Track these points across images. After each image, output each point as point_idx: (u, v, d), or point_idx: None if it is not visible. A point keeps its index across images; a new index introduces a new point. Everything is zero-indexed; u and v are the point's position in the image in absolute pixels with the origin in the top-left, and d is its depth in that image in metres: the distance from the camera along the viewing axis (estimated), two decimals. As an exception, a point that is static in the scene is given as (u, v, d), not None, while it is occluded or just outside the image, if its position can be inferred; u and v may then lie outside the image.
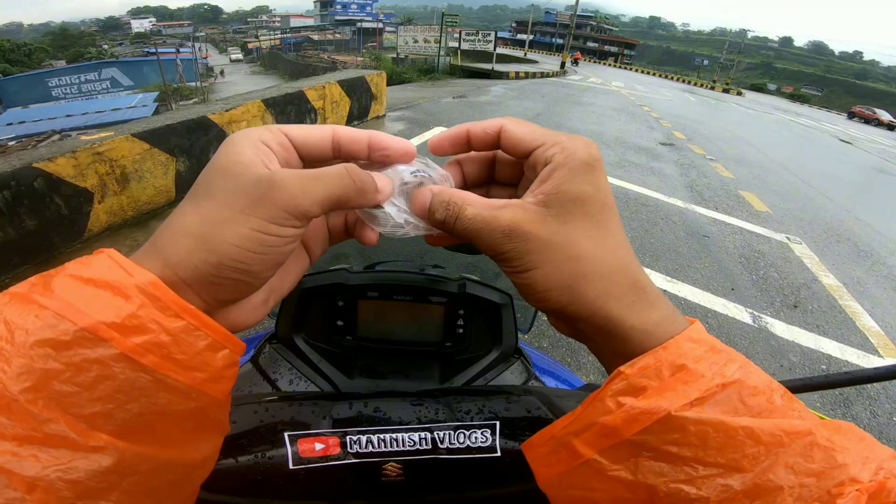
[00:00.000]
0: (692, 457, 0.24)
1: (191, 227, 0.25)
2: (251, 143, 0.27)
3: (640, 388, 0.25)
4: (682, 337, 0.26)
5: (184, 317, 0.24)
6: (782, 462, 0.23)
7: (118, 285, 0.23)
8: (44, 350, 0.21)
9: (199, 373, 0.24)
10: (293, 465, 0.38)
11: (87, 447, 0.21)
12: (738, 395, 0.24)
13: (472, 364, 0.64)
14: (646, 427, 0.24)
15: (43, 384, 0.21)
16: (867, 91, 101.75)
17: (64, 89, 29.64)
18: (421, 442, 0.41)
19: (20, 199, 2.73)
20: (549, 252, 0.27)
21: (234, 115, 4.35)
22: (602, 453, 0.26)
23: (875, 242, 5.22)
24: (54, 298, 0.22)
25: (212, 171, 0.26)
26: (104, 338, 0.21)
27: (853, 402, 2.57)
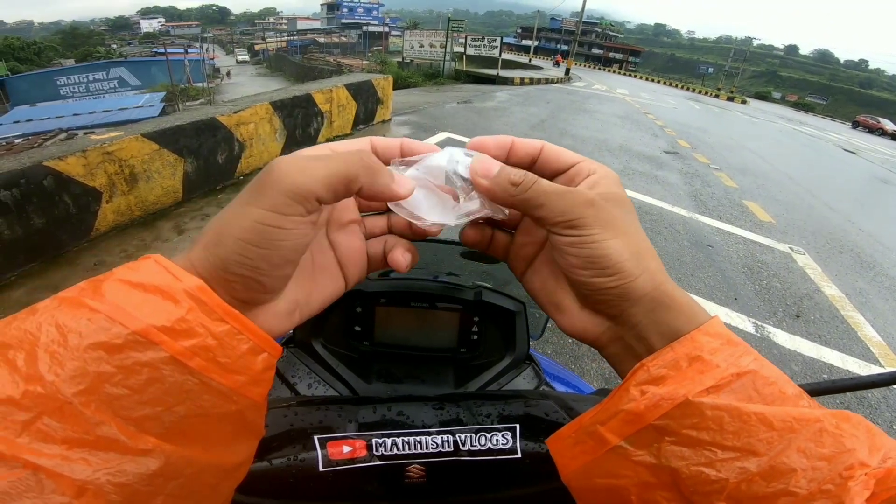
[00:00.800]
0: (710, 441, 0.25)
1: (213, 225, 0.26)
2: (296, 159, 0.27)
3: (660, 378, 0.27)
4: (699, 331, 0.28)
5: (228, 321, 0.25)
6: (794, 447, 0.24)
7: (167, 289, 0.24)
8: (97, 353, 0.21)
9: (241, 376, 0.25)
10: (323, 468, 0.40)
11: (136, 450, 0.22)
12: (752, 384, 0.26)
13: (486, 370, 0.65)
14: (666, 412, 0.26)
15: (96, 387, 0.21)
16: (872, 100, 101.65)
17: (72, 88, 29.83)
18: (443, 444, 0.42)
19: (29, 197, 2.76)
20: (620, 226, 0.30)
21: (243, 116, 4.39)
22: (627, 439, 0.27)
23: (878, 253, 5.21)
24: (105, 302, 0.22)
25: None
26: (155, 341, 0.22)
27: (853, 410, 2.51)
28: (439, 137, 6.67)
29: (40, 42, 55.16)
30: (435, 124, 7.52)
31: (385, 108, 7.20)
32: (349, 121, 6.34)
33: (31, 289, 2.73)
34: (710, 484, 0.25)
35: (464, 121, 8.27)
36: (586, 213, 0.29)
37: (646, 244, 0.31)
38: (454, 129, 7.24)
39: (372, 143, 0.33)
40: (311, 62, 41.27)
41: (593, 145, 7.92)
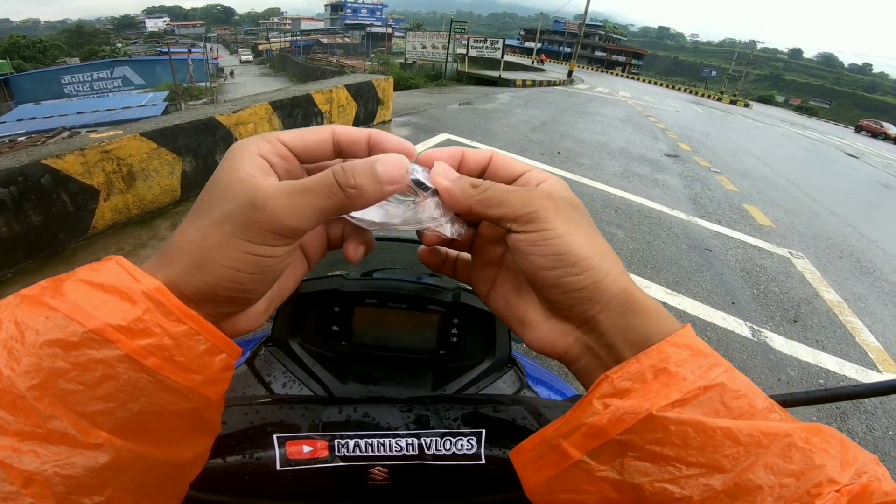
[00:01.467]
0: (674, 456, 0.24)
1: (189, 247, 0.26)
2: (249, 157, 0.27)
3: (624, 391, 0.26)
4: (666, 342, 0.27)
5: (186, 322, 0.25)
6: (762, 462, 0.23)
7: (126, 290, 0.24)
8: (52, 350, 0.22)
9: (197, 375, 0.25)
10: (280, 467, 0.39)
11: (86, 444, 0.22)
12: (719, 397, 0.25)
13: (466, 372, 0.65)
14: (630, 427, 0.25)
15: (50, 382, 0.21)
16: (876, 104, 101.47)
17: (76, 86, 29.97)
18: (408, 447, 0.42)
19: (27, 195, 2.77)
20: (581, 223, 0.30)
21: (242, 116, 4.39)
22: (590, 454, 0.26)
23: (878, 259, 5.20)
24: (65, 301, 0.23)
25: (212, 186, 0.27)
26: (110, 339, 0.23)
27: (849, 416, 2.56)
28: (439, 139, 6.67)
29: (46, 40, 55.35)
30: (435, 126, 7.52)
31: (385, 108, 7.20)
32: (349, 121, 6.35)
33: (28, 286, 2.73)
34: (674, 501, 0.24)
35: (465, 122, 8.27)
36: (546, 205, 0.29)
37: (606, 246, 0.30)
38: (455, 131, 7.24)
39: (334, 133, 0.31)
40: (315, 63, 41.42)
41: (594, 148, 7.91)
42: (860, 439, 2.43)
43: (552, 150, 7.15)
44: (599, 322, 0.29)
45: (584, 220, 0.31)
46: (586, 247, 0.29)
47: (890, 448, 2.40)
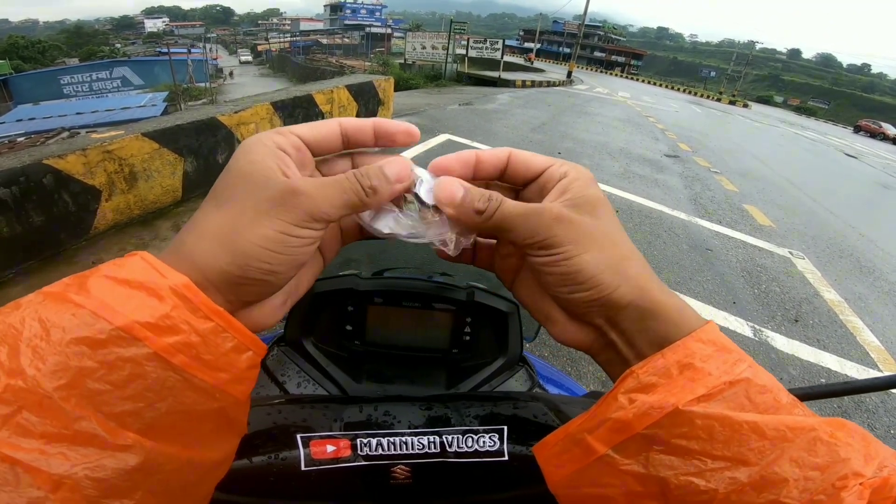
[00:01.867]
0: (700, 450, 0.25)
1: (216, 230, 0.26)
2: (269, 150, 0.28)
3: (650, 386, 0.26)
4: (691, 338, 0.27)
5: (213, 318, 0.25)
6: (787, 456, 0.24)
7: (152, 286, 0.23)
8: (79, 348, 0.21)
9: (224, 373, 0.25)
10: (305, 467, 0.39)
11: (116, 445, 0.21)
12: (745, 392, 0.25)
13: (478, 371, 0.65)
14: (655, 421, 0.25)
15: (77, 382, 0.21)
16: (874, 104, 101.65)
17: (75, 87, 29.91)
18: (430, 445, 0.42)
19: (28, 195, 2.76)
20: (594, 237, 0.29)
21: (243, 116, 4.39)
22: (615, 448, 0.27)
23: (878, 258, 5.21)
24: (90, 298, 0.22)
25: (234, 176, 0.28)
26: (138, 337, 0.22)
27: (851, 415, 2.57)
28: (440, 139, 6.67)
29: (45, 41, 55.29)
30: (436, 126, 7.53)
31: (386, 109, 7.20)
32: (350, 121, 6.35)
33: (30, 286, 2.73)
34: (700, 494, 0.24)
35: (465, 122, 8.28)
36: (555, 232, 0.29)
37: (626, 250, 0.30)
38: (455, 131, 7.24)
39: (342, 125, 0.32)
40: (314, 63, 41.35)
41: (594, 148, 7.91)
42: (862, 438, 2.44)
43: (552, 151, 7.15)
44: (617, 323, 0.29)
45: (601, 225, 0.30)
46: (596, 265, 0.29)
47: (892, 446, 2.41)
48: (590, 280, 0.29)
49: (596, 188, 0.31)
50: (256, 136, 0.29)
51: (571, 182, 0.31)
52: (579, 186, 0.31)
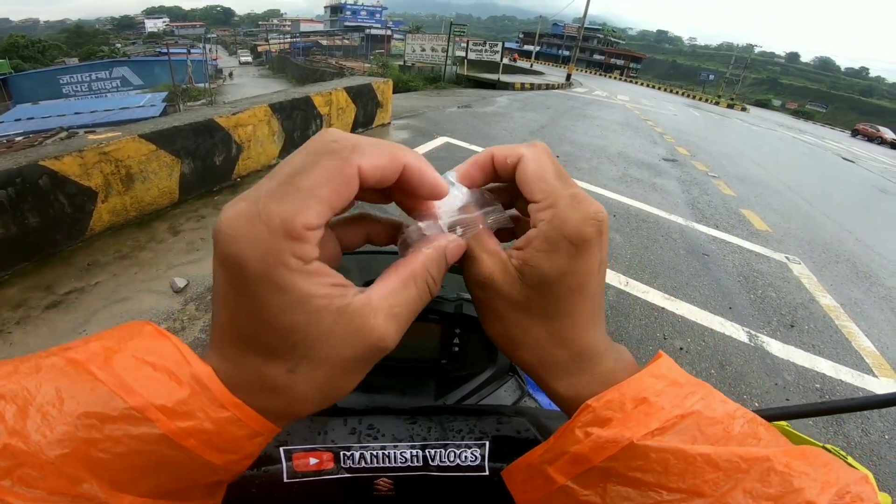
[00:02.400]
0: (656, 482, 0.25)
1: (308, 395, 0.25)
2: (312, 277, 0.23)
3: (605, 420, 0.27)
4: (645, 373, 0.28)
5: (229, 409, 0.25)
6: (741, 487, 0.24)
7: (174, 370, 0.24)
8: (90, 421, 0.22)
9: (233, 455, 0.25)
10: (287, 479, 0.40)
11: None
12: (696, 425, 0.26)
13: (467, 381, 0.65)
14: (612, 455, 0.26)
15: (81, 450, 0.21)
16: (872, 108, 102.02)
17: (75, 87, 29.87)
18: (412, 459, 0.42)
19: (24, 196, 2.76)
20: (509, 313, 0.30)
21: (241, 118, 4.39)
22: (574, 480, 0.27)
23: (874, 263, 5.22)
24: (112, 375, 0.23)
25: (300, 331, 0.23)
26: (151, 418, 0.22)
27: (845, 421, 2.57)
28: (438, 142, 6.68)
29: (45, 40, 55.26)
30: (434, 129, 7.53)
31: (385, 111, 7.21)
32: (348, 124, 6.35)
33: (25, 287, 2.73)
34: None
35: (464, 125, 8.29)
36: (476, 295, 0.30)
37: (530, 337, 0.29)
38: (454, 134, 7.25)
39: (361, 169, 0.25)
40: (314, 64, 41.41)
41: (592, 151, 7.93)
42: (856, 444, 2.44)
43: (551, 154, 7.16)
44: None
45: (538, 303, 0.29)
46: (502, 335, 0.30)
47: (886, 452, 2.41)
48: (491, 339, 0.31)
49: (559, 257, 0.27)
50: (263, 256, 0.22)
51: (534, 239, 0.28)
52: (537, 249, 0.28)
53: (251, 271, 0.22)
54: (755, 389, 2.69)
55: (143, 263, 3.11)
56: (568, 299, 0.28)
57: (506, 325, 0.30)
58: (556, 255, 0.27)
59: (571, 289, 0.28)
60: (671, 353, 2.87)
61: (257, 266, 0.22)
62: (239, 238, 0.22)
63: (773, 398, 2.64)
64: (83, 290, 2.79)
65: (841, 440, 2.45)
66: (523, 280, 0.28)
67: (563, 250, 0.27)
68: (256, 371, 0.24)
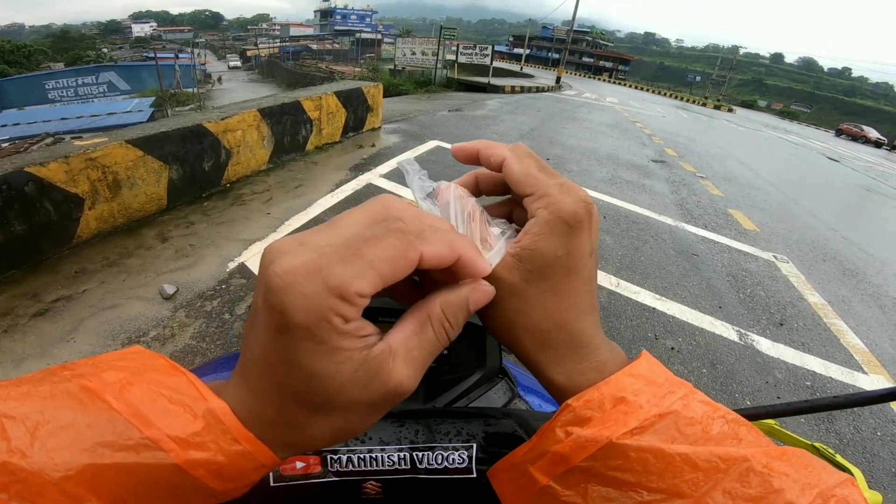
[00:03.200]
0: (636, 482, 0.25)
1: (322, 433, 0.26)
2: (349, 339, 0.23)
3: (585, 419, 0.27)
4: (623, 373, 0.28)
5: (242, 443, 0.25)
6: (720, 488, 0.24)
7: (191, 405, 0.24)
8: (103, 450, 0.22)
9: (236, 483, 0.26)
10: (274, 483, 0.40)
11: None
12: (674, 424, 0.26)
13: (457, 384, 0.65)
14: (591, 454, 0.26)
15: (87, 474, 0.22)
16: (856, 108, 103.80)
17: (60, 92, 29.51)
18: (400, 462, 0.42)
19: (10, 204, 2.72)
20: (508, 300, 0.29)
21: (230, 123, 4.37)
22: (555, 480, 0.27)
23: (861, 261, 5.30)
24: (128, 405, 0.23)
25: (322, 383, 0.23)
26: (164, 448, 0.23)
27: (837, 418, 2.60)
28: (429, 146, 6.68)
29: (30, 45, 54.60)
30: (425, 132, 7.54)
31: (375, 115, 7.21)
32: (339, 128, 6.34)
33: (11, 296, 2.69)
34: None
35: (454, 129, 8.30)
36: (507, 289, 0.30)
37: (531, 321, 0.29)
38: (444, 138, 7.26)
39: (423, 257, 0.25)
40: (304, 69, 41.30)
41: (582, 154, 7.97)
42: (848, 441, 2.47)
43: (542, 157, 7.18)
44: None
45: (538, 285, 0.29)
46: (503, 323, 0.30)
47: (878, 449, 2.44)
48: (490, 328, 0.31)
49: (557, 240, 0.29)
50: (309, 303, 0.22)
51: (533, 227, 0.29)
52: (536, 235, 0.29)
53: (297, 321, 0.22)
54: (746, 388, 2.71)
55: (132, 270, 3.08)
56: (564, 281, 0.29)
57: (505, 311, 0.30)
58: (553, 237, 0.29)
59: (568, 270, 0.29)
60: (663, 352, 2.89)
61: (303, 317, 0.22)
62: (294, 288, 0.22)
63: (765, 396, 2.67)
64: (71, 297, 2.75)
65: (833, 437, 2.48)
66: (522, 265, 0.29)
67: (560, 232, 0.29)
68: (278, 407, 0.25)
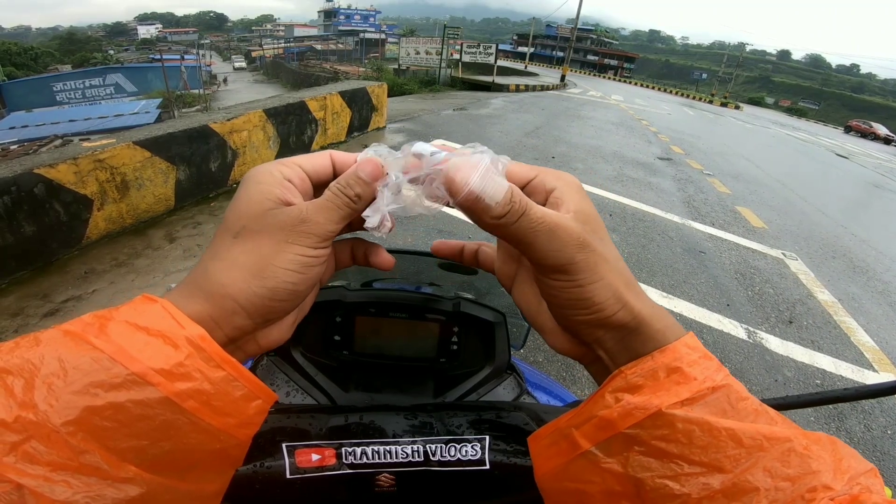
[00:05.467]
0: (678, 454, 0.25)
1: (243, 260, 0.28)
2: (276, 180, 0.31)
3: (637, 386, 0.27)
4: (680, 343, 0.28)
5: (225, 368, 0.26)
6: (761, 465, 0.24)
7: (169, 335, 0.25)
8: (95, 390, 0.23)
9: (232, 418, 0.26)
10: (290, 475, 0.40)
11: (118, 478, 0.23)
12: (726, 398, 0.26)
13: (466, 379, 0.65)
14: (638, 422, 0.26)
15: (85, 419, 0.22)
16: (864, 104, 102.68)
17: (68, 94, 29.82)
18: (413, 454, 0.42)
19: (20, 205, 2.75)
20: (607, 263, 0.29)
21: (236, 124, 4.39)
22: (598, 446, 0.27)
23: (870, 258, 5.25)
24: (110, 342, 0.24)
25: (246, 208, 0.30)
26: (152, 382, 0.23)
27: (847, 416, 2.58)
28: (434, 144, 6.68)
29: (37, 47, 55.14)
30: (429, 132, 7.55)
31: (380, 115, 7.22)
32: (343, 128, 6.36)
33: (21, 296, 2.72)
34: (673, 498, 0.25)
35: (459, 128, 8.30)
36: (577, 259, 0.28)
37: (626, 275, 0.30)
38: (449, 137, 7.26)
39: (333, 158, 0.34)
40: (308, 69, 41.40)
41: (587, 152, 7.95)
42: (858, 439, 2.45)
43: (546, 155, 7.18)
44: (604, 341, 0.30)
45: (608, 251, 0.29)
46: (605, 291, 0.28)
47: (889, 447, 2.42)
48: (596, 306, 0.29)
49: (586, 200, 0.31)
50: (263, 166, 0.31)
51: (564, 193, 0.30)
52: (576, 199, 0.30)
53: (250, 173, 0.31)
54: (755, 386, 2.70)
55: (140, 271, 3.10)
56: (604, 242, 0.30)
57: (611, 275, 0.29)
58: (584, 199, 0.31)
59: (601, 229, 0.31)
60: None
61: (255, 170, 0.31)
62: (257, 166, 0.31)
63: (774, 395, 2.64)
64: (80, 298, 2.78)
65: (843, 435, 2.45)
66: (587, 228, 0.29)
67: (584, 195, 0.31)
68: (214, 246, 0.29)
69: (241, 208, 0.30)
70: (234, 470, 0.30)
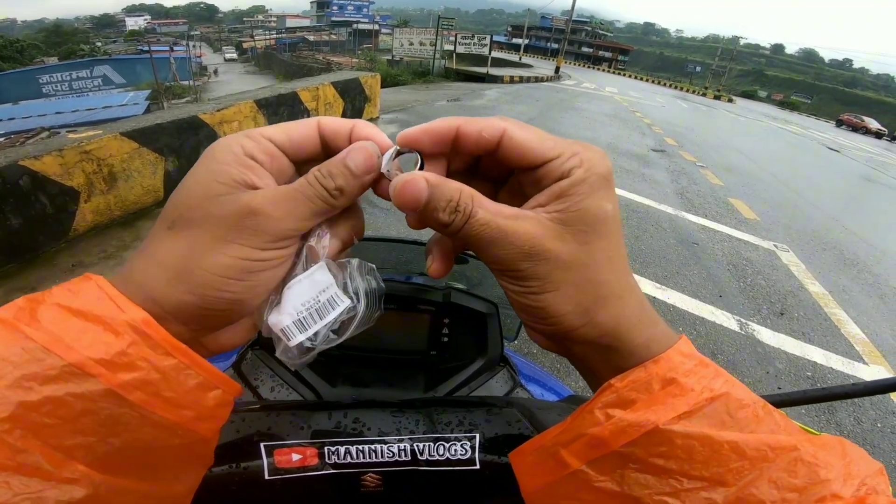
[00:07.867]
0: (678, 470, 0.24)
1: (168, 258, 0.24)
2: (235, 158, 0.25)
3: (629, 401, 0.25)
4: (674, 351, 0.26)
5: (175, 355, 0.23)
6: (766, 477, 0.23)
7: (108, 320, 0.22)
8: (28, 383, 0.20)
9: (188, 411, 0.24)
10: (269, 476, 0.38)
11: (61, 478, 0.21)
12: (725, 407, 0.24)
13: (457, 372, 0.64)
14: (633, 440, 0.24)
15: (21, 416, 0.20)
16: (856, 99, 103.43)
17: (55, 86, 29.32)
18: (400, 453, 0.40)
19: (5, 198, 2.69)
20: (568, 273, 0.26)
21: (226, 115, 4.32)
22: (589, 464, 0.26)
23: (861, 251, 5.29)
24: (42, 330, 0.21)
25: (188, 193, 0.25)
26: (91, 374, 0.21)
27: (837, 410, 2.60)
28: (428, 136, 6.65)
29: (23, 40, 54.11)
30: (423, 122, 7.48)
31: (373, 106, 7.16)
32: (336, 119, 6.30)
33: (8, 290, 2.67)
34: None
35: (453, 119, 8.24)
36: (522, 267, 0.25)
37: (600, 286, 0.26)
38: (443, 128, 7.21)
39: (320, 126, 0.28)
40: (301, 60, 41.00)
41: (582, 144, 7.94)
42: (849, 432, 2.46)
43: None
44: (577, 354, 0.28)
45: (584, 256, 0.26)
46: (560, 305, 0.26)
47: (879, 441, 2.44)
48: (552, 318, 0.26)
49: (602, 195, 0.26)
50: (223, 140, 0.26)
51: (573, 186, 0.26)
52: (582, 194, 0.26)
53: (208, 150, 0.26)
54: (747, 378, 2.71)
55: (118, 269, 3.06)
56: (618, 234, 0.27)
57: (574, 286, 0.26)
58: (599, 193, 0.26)
59: (618, 221, 0.27)
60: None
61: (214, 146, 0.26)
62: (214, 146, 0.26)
63: (765, 387, 2.66)
64: (67, 291, 2.73)
65: (833, 429, 2.47)
66: (573, 228, 0.26)
67: (601, 187, 0.26)
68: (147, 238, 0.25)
69: (181, 192, 0.25)
70: (204, 469, 0.28)
